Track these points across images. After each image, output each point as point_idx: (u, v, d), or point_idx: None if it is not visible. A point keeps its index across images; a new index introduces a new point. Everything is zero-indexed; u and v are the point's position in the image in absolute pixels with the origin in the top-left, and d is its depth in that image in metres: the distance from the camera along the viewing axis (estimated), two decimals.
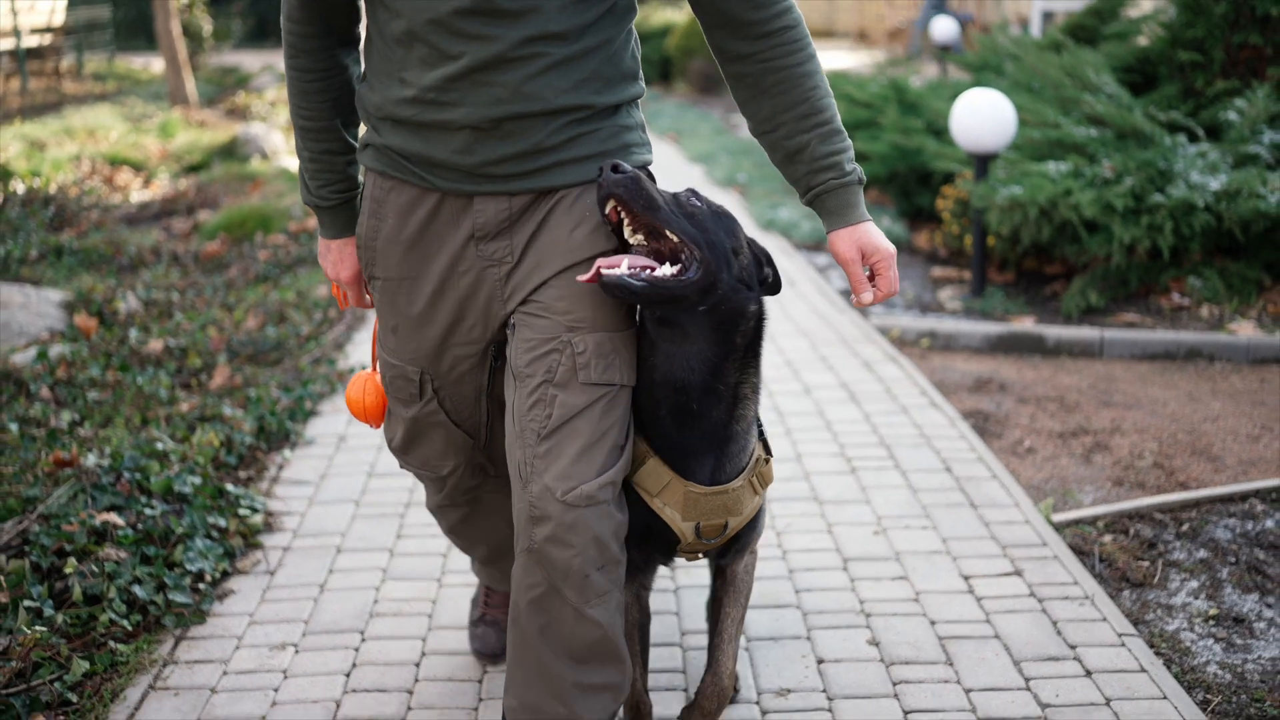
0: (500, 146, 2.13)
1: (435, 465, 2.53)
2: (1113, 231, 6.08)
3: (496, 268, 2.22)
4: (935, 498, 4.02)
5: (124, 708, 2.92)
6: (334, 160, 2.38)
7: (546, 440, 2.19)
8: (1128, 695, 2.91)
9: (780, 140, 2.27)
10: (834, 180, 2.23)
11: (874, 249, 2.24)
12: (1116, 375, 5.48)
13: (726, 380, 2.22)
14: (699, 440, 2.24)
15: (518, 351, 2.23)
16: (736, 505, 2.30)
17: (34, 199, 8.89)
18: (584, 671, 2.28)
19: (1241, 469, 4.39)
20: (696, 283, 2.11)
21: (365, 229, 2.32)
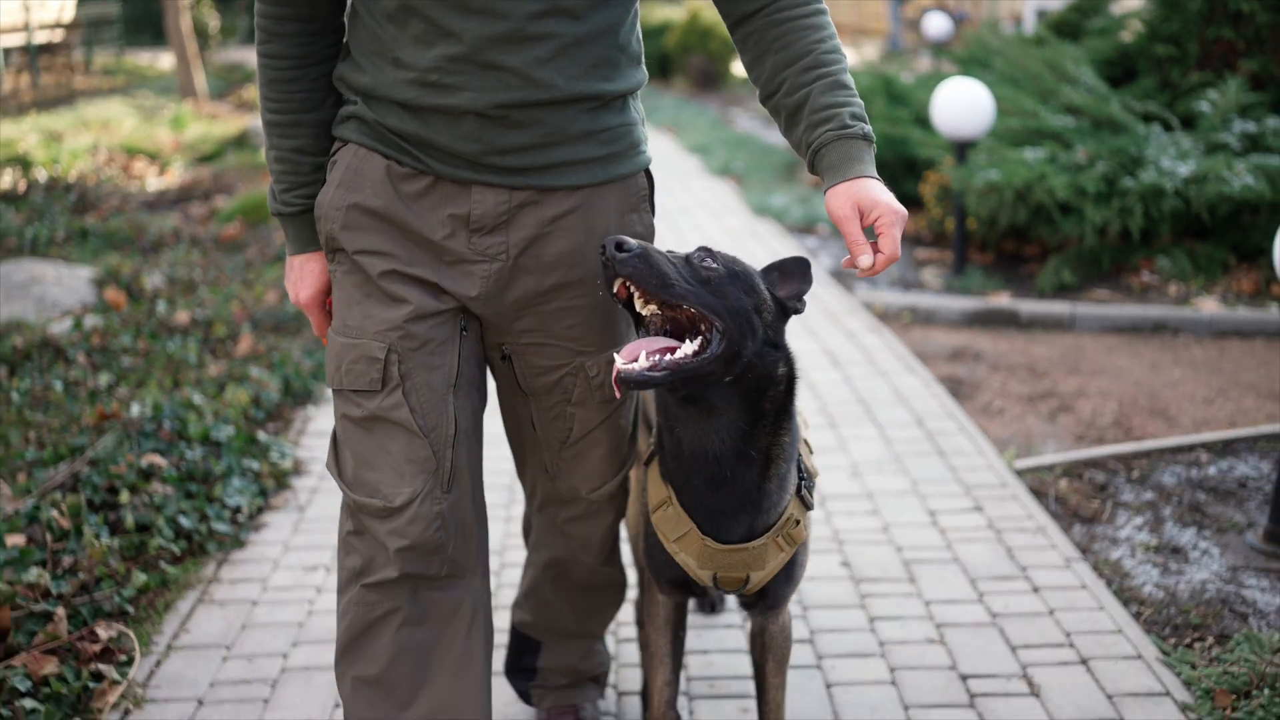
0: (508, 135, 1.98)
1: (388, 492, 2.07)
2: (1085, 214, 6.45)
3: (488, 264, 2.06)
4: (907, 447, 4.38)
5: (176, 617, 3.28)
6: (301, 160, 2.14)
7: (570, 448, 2.25)
8: (1069, 607, 3.27)
9: (782, 99, 2.06)
10: (830, 132, 1.98)
11: (873, 203, 1.94)
12: (1085, 346, 5.83)
13: (759, 445, 2.09)
14: (732, 502, 2.13)
15: (527, 375, 2.20)
16: (758, 562, 2.18)
17: (56, 186, 9.25)
18: (590, 597, 2.58)
19: (1194, 427, 4.75)
20: (720, 355, 1.96)
21: (330, 198, 2.08)
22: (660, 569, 2.28)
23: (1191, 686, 2.91)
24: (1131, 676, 2.96)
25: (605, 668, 2.75)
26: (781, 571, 2.23)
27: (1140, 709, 2.84)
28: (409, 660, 2.11)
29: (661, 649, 2.42)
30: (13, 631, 3.07)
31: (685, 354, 1.95)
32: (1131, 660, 3.03)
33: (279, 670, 3.03)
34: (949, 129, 6.54)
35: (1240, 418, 4.85)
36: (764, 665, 2.40)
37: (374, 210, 2.04)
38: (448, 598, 2.13)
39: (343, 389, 2.10)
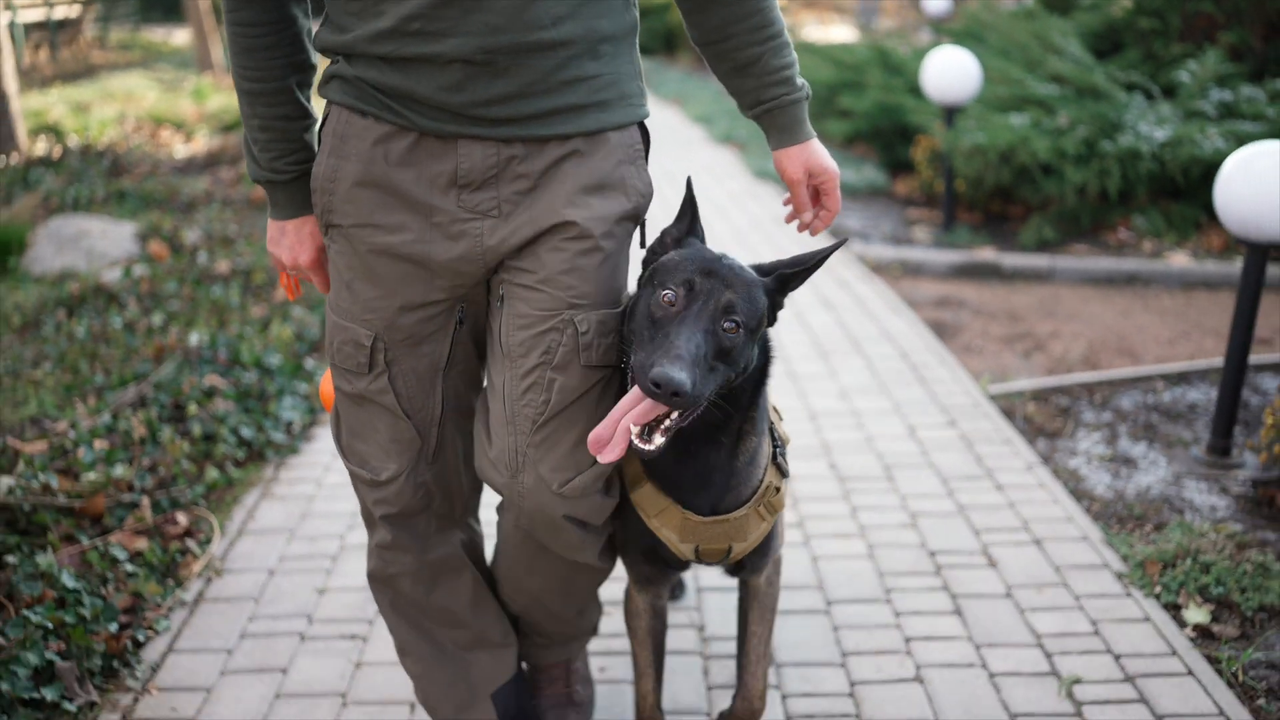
0: (493, 84, 1.90)
1: (375, 466, 2.21)
2: (1065, 175, 6.88)
3: (480, 221, 1.99)
4: (892, 376, 4.84)
5: (243, 509, 3.73)
6: (289, 126, 2.08)
7: (543, 429, 2.04)
8: (1027, 501, 3.73)
9: (730, 51, 2.13)
10: (786, 96, 2.14)
11: (820, 169, 2.18)
12: (1062, 296, 6.27)
13: (727, 429, 2.08)
14: (695, 477, 2.12)
15: (509, 328, 2.04)
16: (739, 532, 2.17)
17: (89, 152, 9.68)
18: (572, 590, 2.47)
19: (1155, 363, 5.19)
20: (717, 394, 1.97)
21: (323, 169, 2.03)
22: (636, 539, 2.25)
23: (1127, 560, 3.37)
24: (1077, 553, 3.41)
25: (596, 619, 2.67)
26: (759, 545, 2.25)
27: (1082, 577, 3.29)
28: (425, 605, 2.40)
29: (644, 661, 2.44)
30: (106, 515, 3.53)
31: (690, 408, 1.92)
32: (1078, 541, 3.48)
33: (338, 548, 3.50)
34: (938, 95, 6.96)
35: (1199, 356, 5.29)
36: (748, 612, 2.40)
37: (363, 179, 1.99)
38: (446, 553, 2.36)
39: (336, 365, 2.16)
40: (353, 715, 2.76)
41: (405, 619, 2.40)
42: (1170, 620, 3.09)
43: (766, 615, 2.38)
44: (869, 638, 3.02)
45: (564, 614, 2.52)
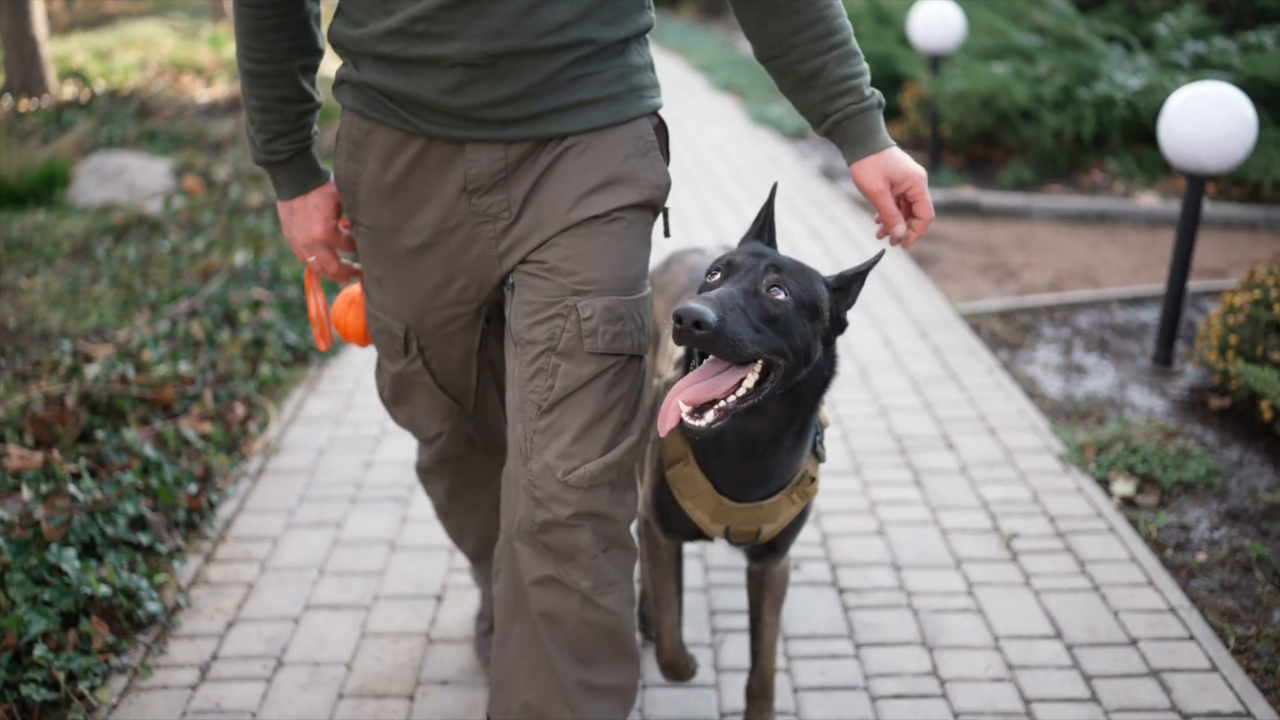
0: (495, 88, 1.87)
1: (421, 426, 2.37)
2: (1043, 120, 7.34)
3: (492, 224, 1.97)
4: (872, 297, 5.32)
5: (292, 402, 4.23)
6: (287, 109, 2.07)
7: (548, 414, 1.97)
8: (985, 399, 4.22)
9: (792, 65, 2.02)
10: (854, 105, 2.00)
11: (904, 175, 2.00)
12: (1037, 232, 6.74)
13: (793, 430, 2.08)
14: (761, 473, 2.12)
15: (518, 315, 2.00)
16: (771, 516, 2.18)
17: (115, 96, 10.12)
18: (591, 671, 2.07)
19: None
20: (778, 385, 1.94)
21: (344, 172, 2.05)
22: (670, 522, 2.27)
23: (1068, 445, 3.86)
24: (1025, 440, 3.91)
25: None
26: (789, 524, 2.25)
27: (1027, 458, 3.79)
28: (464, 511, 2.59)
29: (668, 592, 2.41)
30: (174, 404, 4.02)
31: (747, 389, 1.90)
32: (1027, 431, 3.98)
33: (379, 432, 4.00)
34: (924, 44, 7.40)
35: (1157, 284, 5.77)
36: (760, 604, 2.41)
37: (379, 185, 2.01)
38: (488, 464, 2.48)
39: (375, 343, 2.26)
40: (399, 559, 3.26)
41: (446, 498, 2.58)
42: (1100, 492, 3.59)
43: (778, 606, 2.42)
44: (839, 501, 3.53)
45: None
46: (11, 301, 5.22)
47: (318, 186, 2.15)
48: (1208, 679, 2.73)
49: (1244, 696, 2.66)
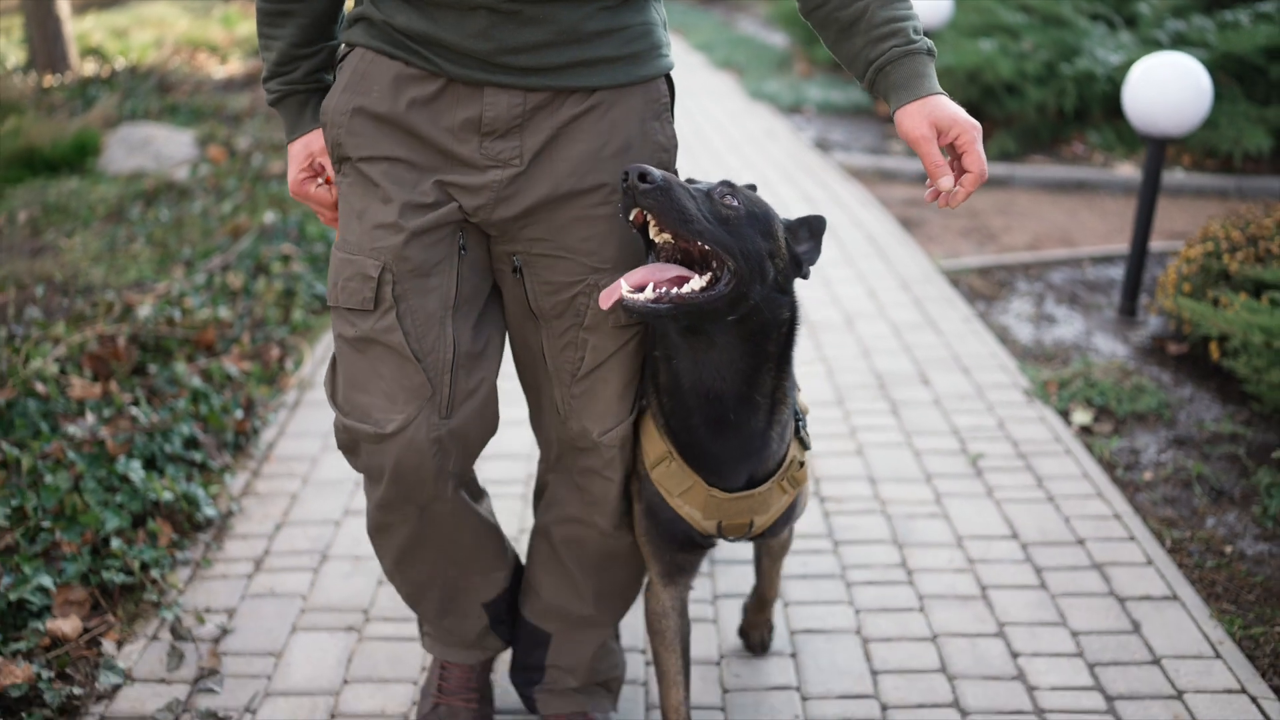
0: (521, 32, 1.86)
1: (379, 418, 2.01)
2: (1026, 94, 7.69)
3: (500, 169, 1.95)
4: (858, 253, 5.70)
5: (322, 344, 4.60)
6: (286, 51, 2.08)
7: (582, 381, 2.08)
8: (960, 343, 4.60)
9: (833, 12, 1.93)
10: (898, 48, 1.87)
11: (951, 121, 1.85)
12: (1018, 199, 7.11)
13: (763, 389, 2.01)
14: (736, 449, 2.06)
15: (539, 294, 2.05)
16: (762, 506, 2.15)
17: (135, 72, 10.47)
18: (606, 575, 2.36)
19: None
20: (727, 295, 1.88)
21: (335, 103, 2.00)
22: (661, 528, 2.19)
23: (1034, 382, 4.24)
24: (995, 377, 4.28)
25: (619, 673, 2.50)
26: (780, 516, 2.23)
27: (996, 392, 4.16)
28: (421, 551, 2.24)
29: (673, 668, 2.31)
30: (216, 344, 4.40)
31: (693, 289, 1.87)
32: (997, 370, 4.35)
33: None
34: None
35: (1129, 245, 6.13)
36: (761, 560, 2.65)
37: (379, 115, 1.95)
38: (449, 508, 2.16)
39: (339, 306, 2.02)
40: None
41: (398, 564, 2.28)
42: (1060, 421, 3.96)
43: (779, 561, 2.61)
44: (823, 428, 3.90)
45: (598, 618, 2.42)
46: (55, 259, 5.58)
47: (303, 134, 2.13)
48: (1144, 571, 3.11)
49: (1174, 585, 3.04)
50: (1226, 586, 3.06)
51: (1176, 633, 2.84)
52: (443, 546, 2.23)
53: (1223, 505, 3.45)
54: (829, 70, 10.51)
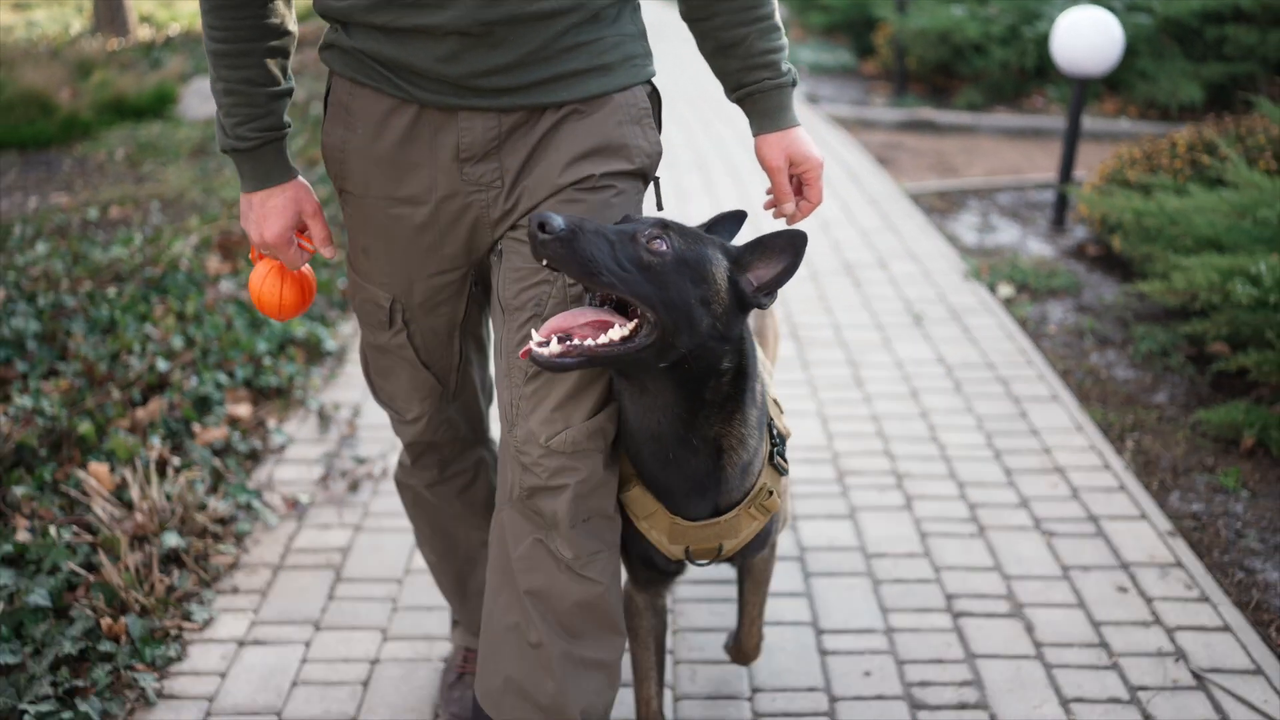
0: (490, 56, 1.84)
1: (401, 406, 2.23)
2: (992, 53, 8.73)
3: (484, 193, 1.93)
4: (837, 181, 6.75)
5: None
6: (254, 93, 1.93)
7: (533, 380, 1.96)
8: (915, 243, 5.66)
9: (714, 30, 2.03)
10: (769, 81, 2.02)
11: (803, 158, 2.03)
12: (981, 144, 8.15)
13: (702, 434, 1.94)
14: (683, 484, 2.00)
15: (505, 281, 1.97)
16: (730, 532, 2.08)
17: (188, 36, 11.50)
18: (577, 644, 2.04)
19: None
20: (649, 346, 1.80)
21: (333, 139, 1.98)
22: (632, 549, 2.15)
23: (971, 268, 5.29)
24: (941, 266, 5.34)
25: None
26: (755, 537, 2.16)
27: (940, 275, 5.22)
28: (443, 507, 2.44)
29: (645, 663, 2.32)
30: None
31: (610, 339, 1.78)
32: (943, 259, 5.41)
33: None
34: None
35: None
36: (744, 584, 2.41)
37: (369, 154, 1.93)
38: (463, 467, 2.39)
39: (359, 315, 2.13)
40: None
41: (424, 516, 2.47)
42: (989, 294, 5.02)
43: (761, 588, 2.39)
44: (800, 296, 4.95)
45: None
46: (158, 183, 6.64)
47: (282, 183, 1.99)
48: (1037, 383, 4.16)
49: (1057, 390, 4.09)
50: (1097, 394, 4.12)
51: (1054, 418, 3.90)
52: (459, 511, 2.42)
53: (1105, 348, 4.51)
54: (820, 35, 11.55)
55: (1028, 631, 2.82)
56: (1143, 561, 3.09)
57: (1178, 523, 3.30)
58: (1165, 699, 2.58)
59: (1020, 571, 3.06)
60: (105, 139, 7.73)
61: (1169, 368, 4.28)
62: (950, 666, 2.70)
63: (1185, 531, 3.26)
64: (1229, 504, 3.39)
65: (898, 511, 3.34)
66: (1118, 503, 3.37)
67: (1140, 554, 3.12)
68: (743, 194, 6.56)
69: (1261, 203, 4.08)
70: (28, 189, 6.65)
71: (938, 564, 3.10)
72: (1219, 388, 4.11)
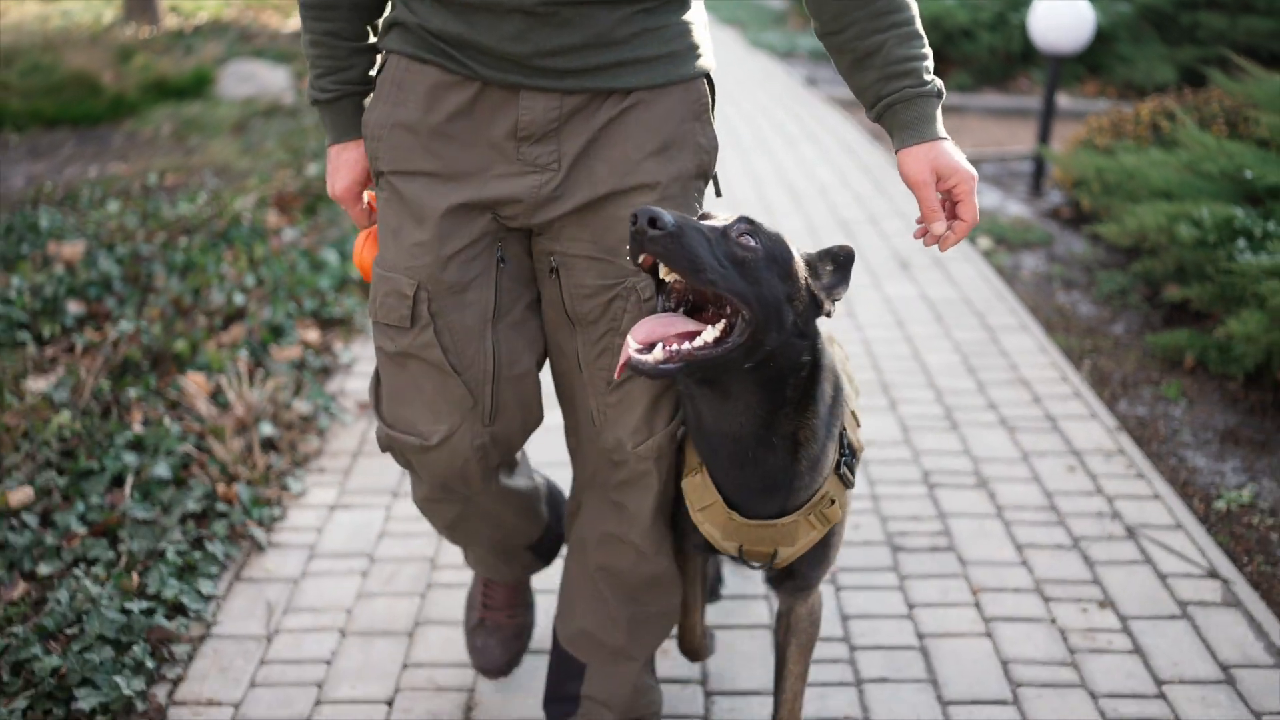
0: (556, 36, 1.81)
1: (424, 430, 2.02)
2: (980, 38, 9.29)
3: (539, 174, 1.90)
4: (833, 152, 7.32)
5: None
6: (337, 45, 1.97)
7: (617, 390, 2.01)
8: (904, 202, 6.22)
9: (850, 41, 1.89)
10: (910, 89, 1.87)
11: (952, 170, 1.86)
12: (970, 123, 8.71)
13: (781, 431, 1.91)
14: (759, 482, 1.97)
15: (575, 297, 1.99)
16: (786, 539, 2.05)
17: (215, 25, 12.06)
18: (640, 605, 2.25)
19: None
20: (743, 345, 1.76)
21: (376, 115, 1.93)
22: (685, 532, 2.19)
23: None
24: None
25: (656, 709, 2.42)
26: (812, 552, 2.10)
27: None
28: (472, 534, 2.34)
29: (691, 597, 2.39)
30: None
31: (705, 341, 1.76)
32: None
33: None
34: None
35: None
36: (786, 648, 2.24)
37: (416, 126, 1.90)
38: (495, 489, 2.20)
39: (378, 321, 2.01)
40: None
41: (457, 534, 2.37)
42: (970, 246, 5.57)
43: (804, 654, 2.24)
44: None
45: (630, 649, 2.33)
46: (205, 155, 7.19)
47: (357, 139, 2.02)
48: (1008, 316, 4.71)
49: (1026, 322, 4.64)
50: (1062, 325, 4.67)
51: (1022, 343, 4.45)
52: (487, 520, 2.28)
53: (1071, 289, 5.07)
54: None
55: (990, 499, 3.37)
56: (1091, 449, 3.64)
57: (1123, 422, 3.86)
58: (1101, 546, 3.14)
59: (986, 455, 3.61)
60: (150, 116, 8.29)
61: (1126, 305, 4.84)
62: (925, 522, 3.26)
63: (1129, 428, 3.82)
64: (1169, 410, 3.95)
65: (883, 412, 3.90)
66: (1073, 406, 3.93)
67: (1089, 444, 3.68)
68: (761, 196, 7.11)
69: (1206, 158, 4.64)
70: (85, 160, 7.21)
71: (916, 449, 3.66)
72: (1169, 321, 4.67)
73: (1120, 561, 3.07)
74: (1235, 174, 4.46)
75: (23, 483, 3.29)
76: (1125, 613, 2.87)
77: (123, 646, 2.67)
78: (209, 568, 3.00)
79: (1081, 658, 2.71)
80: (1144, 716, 2.52)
